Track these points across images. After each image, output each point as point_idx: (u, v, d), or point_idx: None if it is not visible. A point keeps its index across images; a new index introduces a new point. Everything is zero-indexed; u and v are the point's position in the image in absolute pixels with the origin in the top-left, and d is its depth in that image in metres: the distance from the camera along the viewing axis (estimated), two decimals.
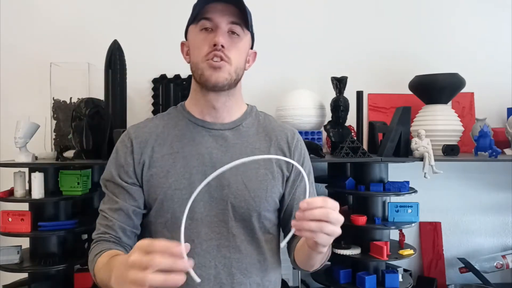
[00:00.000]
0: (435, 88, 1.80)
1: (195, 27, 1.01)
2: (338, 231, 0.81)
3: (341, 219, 0.81)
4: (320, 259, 1.00)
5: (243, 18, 0.99)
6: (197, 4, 0.99)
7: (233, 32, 1.00)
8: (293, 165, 1.06)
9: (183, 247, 0.70)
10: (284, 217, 1.09)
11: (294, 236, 0.86)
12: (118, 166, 1.03)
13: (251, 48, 1.09)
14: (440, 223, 2.04)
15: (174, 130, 1.06)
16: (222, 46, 0.97)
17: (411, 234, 2.01)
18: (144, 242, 0.71)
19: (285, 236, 0.89)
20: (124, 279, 0.71)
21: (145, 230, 1.05)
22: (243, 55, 1.04)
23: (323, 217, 0.78)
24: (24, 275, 1.63)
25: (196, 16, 1.00)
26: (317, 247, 0.85)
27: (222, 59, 0.97)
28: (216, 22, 0.98)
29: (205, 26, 0.99)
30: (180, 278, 0.69)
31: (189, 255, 0.98)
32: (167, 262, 0.68)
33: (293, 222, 0.82)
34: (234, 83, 1.03)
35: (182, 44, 1.09)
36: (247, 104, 1.14)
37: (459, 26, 2.07)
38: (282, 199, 1.08)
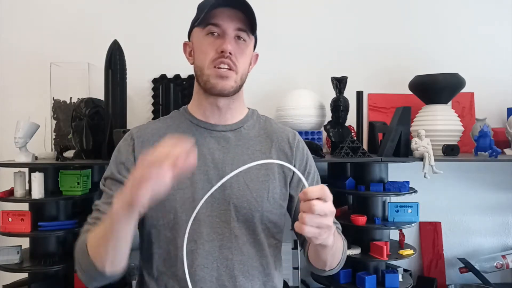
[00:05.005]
0: (435, 88, 1.80)
1: (201, 30, 1.00)
2: (325, 222, 0.78)
3: (327, 210, 0.78)
4: (331, 255, 0.96)
5: (250, 24, 0.99)
6: (204, 8, 0.97)
7: (239, 38, 0.99)
8: (295, 166, 1.06)
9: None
10: (294, 219, 1.08)
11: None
12: (118, 163, 1.02)
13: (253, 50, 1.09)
14: (440, 223, 2.04)
15: (176, 132, 1.05)
16: (230, 53, 0.97)
17: (411, 234, 2.01)
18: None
19: (299, 239, 0.85)
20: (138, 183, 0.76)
21: (147, 235, 1.03)
22: (248, 60, 1.04)
23: (306, 209, 0.77)
24: (24, 275, 1.63)
25: (203, 19, 0.98)
26: (312, 240, 0.82)
27: (230, 68, 0.97)
28: (223, 28, 0.98)
29: (212, 31, 0.98)
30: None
31: (191, 255, 0.98)
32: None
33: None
34: (238, 89, 1.03)
35: (185, 44, 1.08)
36: (249, 108, 1.14)
37: (459, 26, 2.07)
38: (290, 202, 1.08)
